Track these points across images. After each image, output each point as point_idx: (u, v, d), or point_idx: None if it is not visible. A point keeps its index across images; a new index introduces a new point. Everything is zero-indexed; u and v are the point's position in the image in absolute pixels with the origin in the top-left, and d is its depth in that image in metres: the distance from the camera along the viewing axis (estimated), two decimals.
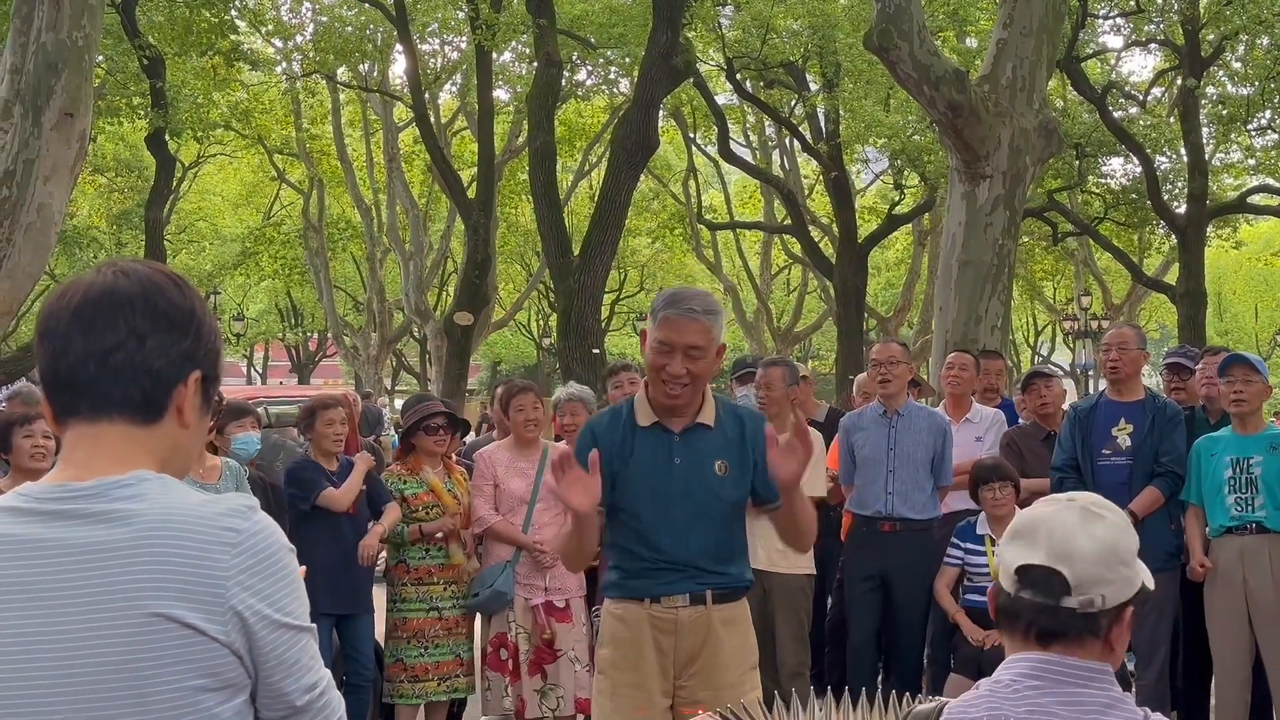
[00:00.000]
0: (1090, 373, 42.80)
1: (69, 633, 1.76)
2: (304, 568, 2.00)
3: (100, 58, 18.43)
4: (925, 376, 10.00)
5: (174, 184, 29.54)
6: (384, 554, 7.41)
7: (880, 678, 7.52)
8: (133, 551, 1.78)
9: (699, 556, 4.30)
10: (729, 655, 4.35)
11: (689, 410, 4.36)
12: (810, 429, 4.58)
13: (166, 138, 23.68)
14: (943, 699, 2.35)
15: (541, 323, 48.38)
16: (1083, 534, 2.16)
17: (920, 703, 2.43)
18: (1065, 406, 8.12)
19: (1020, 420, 8.69)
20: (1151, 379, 8.66)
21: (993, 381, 9.00)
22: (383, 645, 7.41)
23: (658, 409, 4.38)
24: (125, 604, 1.76)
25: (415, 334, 42.15)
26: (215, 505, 1.85)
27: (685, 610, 4.31)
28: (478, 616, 7.52)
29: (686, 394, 4.29)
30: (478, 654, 7.52)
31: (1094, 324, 38.43)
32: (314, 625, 1.92)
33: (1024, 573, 2.17)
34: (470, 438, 11.11)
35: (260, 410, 8.29)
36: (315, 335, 51.74)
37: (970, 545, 7.21)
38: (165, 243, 26.94)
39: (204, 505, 1.84)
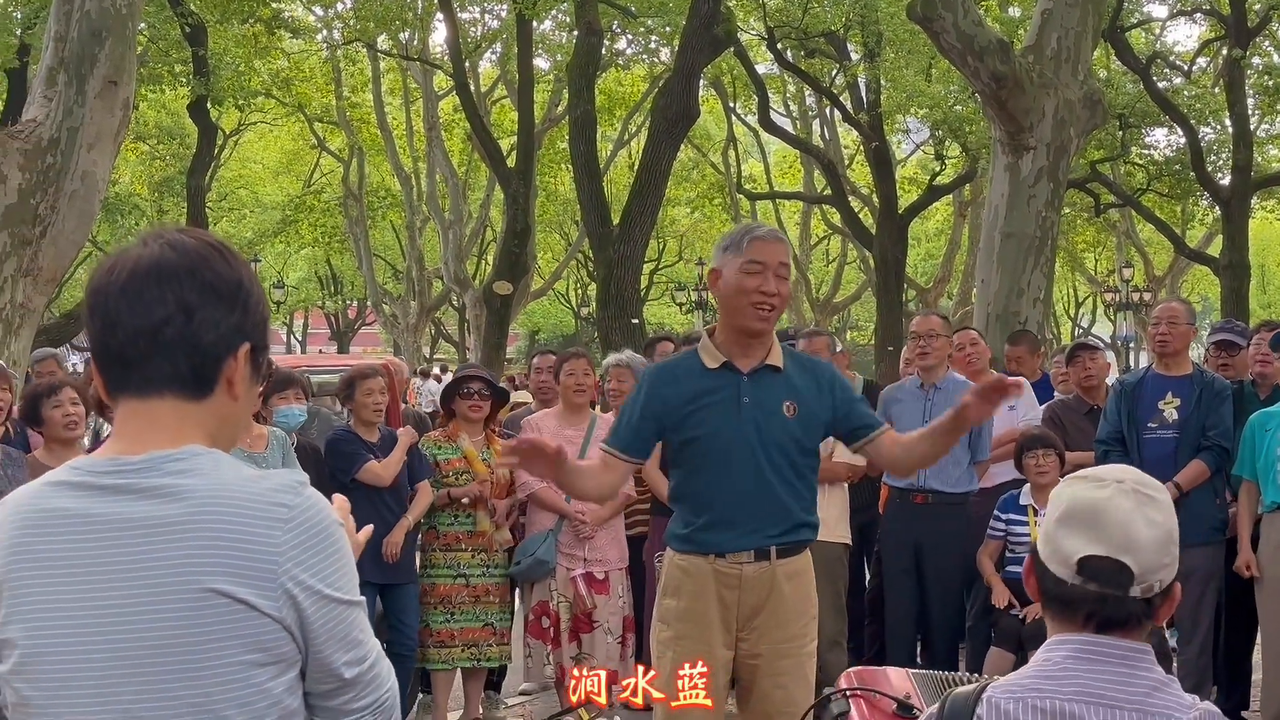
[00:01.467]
0: (1131, 345, 42.57)
1: (121, 607, 1.77)
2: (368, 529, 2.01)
3: (142, 25, 18.49)
4: None
5: (215, 151, 29.69)
6: None
7: (919, 650, 7.51)
8: (185, 527, 1.79)
9: (765, 503, 4.27)
10: (791, 609, 4.34)
11: (760, 350, 4.35)
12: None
13: (208, 105, 23.82)
14: (984, 678, 2.33)
15: (580, 292, 48.40)
16: (1141, 521, 2.12)
17: (962, 681, 2.41)
18: (1110, 380, 8.06)
19: (1057, 394, 8.64)
20: (1195, 352, 8.61)
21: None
22: None
23: (729, 348, 4.35)
24: (178, 579, 1.77)
25: (454, 303, 42.20)
26: (266, 481, 1.85)
27: (750, 566, 4.29)
28: (516, 587, 7.54)
29: (773, 319, 4.30)
30: (518, 622, 7.55)
31: (1135, 296, 38.20)
32: (363, 599, 1.92)
33: (1087, 564, 2.12)
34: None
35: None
36: (355, 303, 51.97)
37: (1012, 515, 7.16)
38: (206, 210, 27.07)
39: (255, 481, 1.85)
